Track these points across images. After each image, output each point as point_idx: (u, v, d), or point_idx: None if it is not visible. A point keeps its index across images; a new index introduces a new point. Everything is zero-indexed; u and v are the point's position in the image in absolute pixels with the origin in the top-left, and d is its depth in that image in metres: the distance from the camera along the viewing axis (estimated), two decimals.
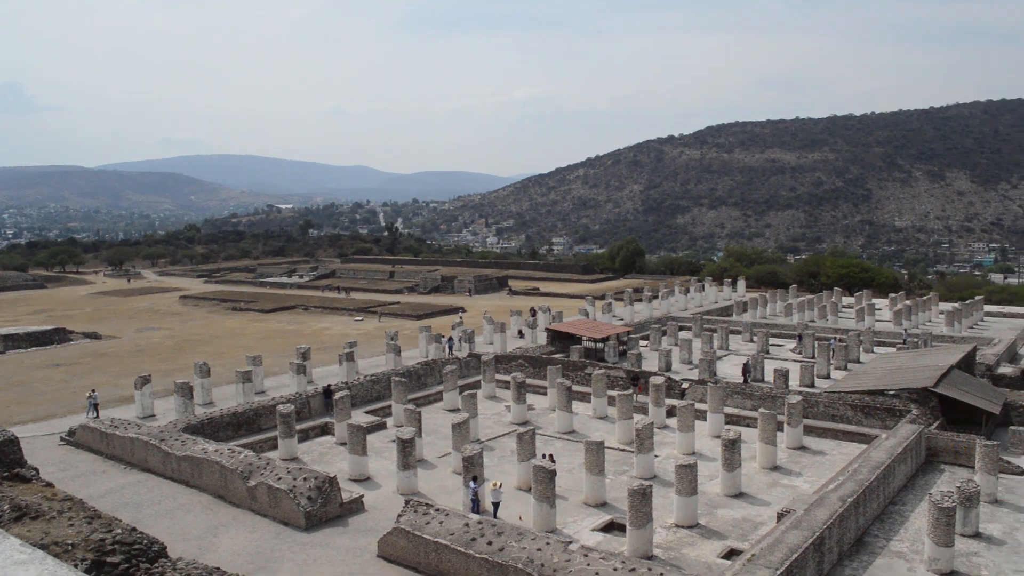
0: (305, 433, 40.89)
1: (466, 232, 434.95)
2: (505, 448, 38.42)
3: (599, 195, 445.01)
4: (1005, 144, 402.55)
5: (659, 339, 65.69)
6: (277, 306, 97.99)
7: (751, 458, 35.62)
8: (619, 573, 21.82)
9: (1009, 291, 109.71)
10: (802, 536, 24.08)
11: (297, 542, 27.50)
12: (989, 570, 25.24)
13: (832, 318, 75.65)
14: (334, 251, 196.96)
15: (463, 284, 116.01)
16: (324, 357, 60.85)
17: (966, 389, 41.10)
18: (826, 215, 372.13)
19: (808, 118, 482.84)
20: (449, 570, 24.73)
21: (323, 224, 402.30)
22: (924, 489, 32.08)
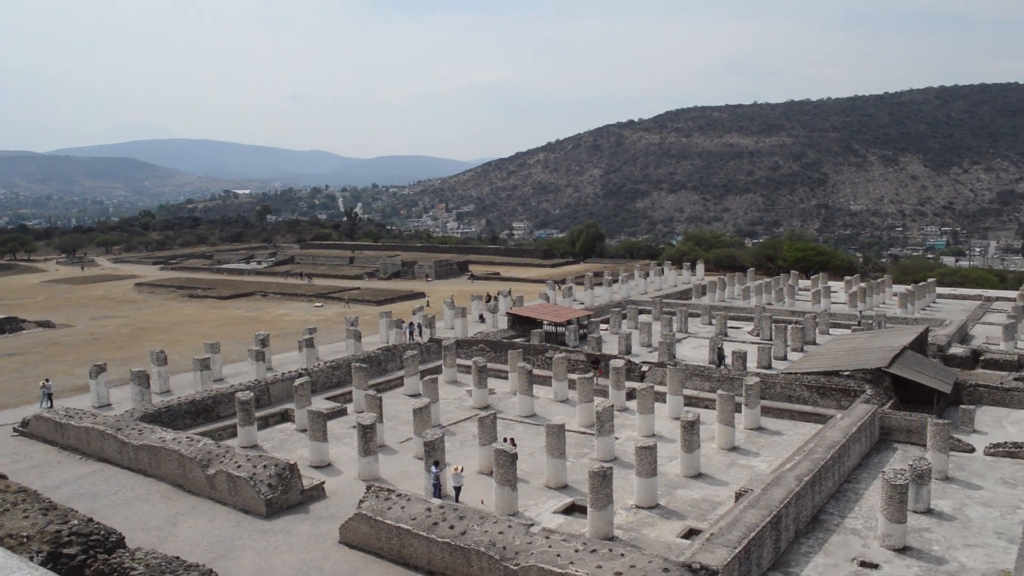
0: (265, 420, 40.60)
1: (426, 217, 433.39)
2: (467, 432, 38.50)
3: (559, 179, 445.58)
4: (957, 129, 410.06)
5: (619, 323, 66.12)
6: (235, 293, 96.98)
7: (710, 439, 36.06)
8: (580, 554, 22.03)
9: (960, 274, 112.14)
10: (760, 515, 24.48)
11: (258, 530, 27.36)
12: (940, 545, 25.86)
13: (789, 301, 76.69)
14: (293, 237, 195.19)
15: (423, 269, 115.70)
16: (283, 344, 60.40)
17: (918, 369, 41.98)
18: (783, 199, 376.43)
19: (766, 103, 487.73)
20: (411, 555, 24.78)
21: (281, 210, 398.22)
22: (878, 467, 32.74)
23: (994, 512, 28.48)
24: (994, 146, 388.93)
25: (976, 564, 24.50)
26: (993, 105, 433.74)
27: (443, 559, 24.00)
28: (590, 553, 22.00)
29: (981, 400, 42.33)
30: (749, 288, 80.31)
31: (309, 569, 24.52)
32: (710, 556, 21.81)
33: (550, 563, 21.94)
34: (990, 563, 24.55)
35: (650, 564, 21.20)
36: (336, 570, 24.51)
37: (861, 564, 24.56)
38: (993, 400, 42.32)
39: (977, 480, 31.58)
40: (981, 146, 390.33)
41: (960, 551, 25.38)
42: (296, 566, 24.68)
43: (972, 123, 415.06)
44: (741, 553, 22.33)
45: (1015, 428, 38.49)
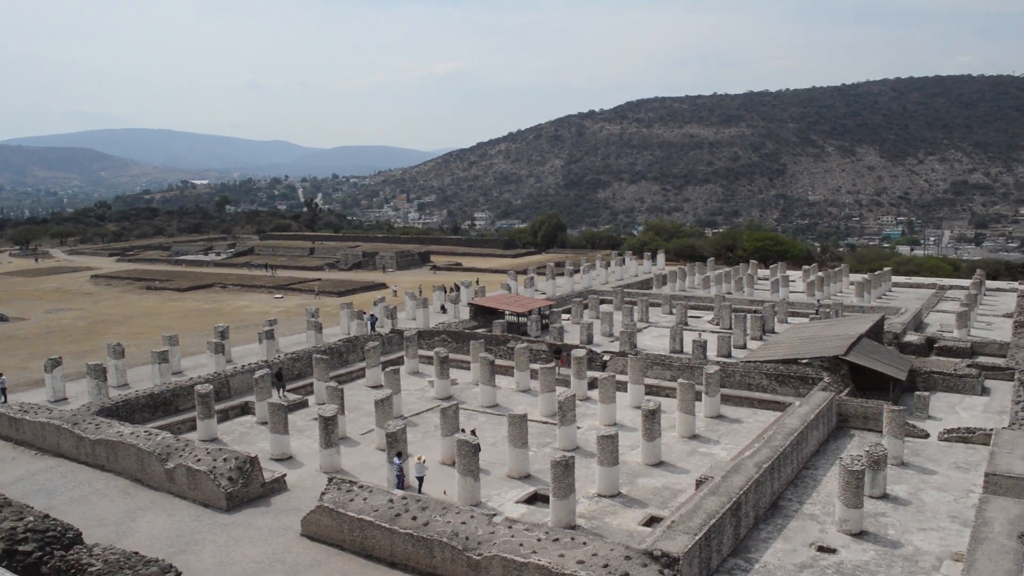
0: (225, 413, 40.21)
1: (387, 208, 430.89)
2: (429, 423, 38.47)
3: (521, 170, 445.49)
4: (912, 120, 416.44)
5: (581, 313, 66.36)
6: (194, 284, 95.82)
7: (671, 427, 36.37)
8: (543, 543, 22.12)
9: (915, 263, 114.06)
10: (720, 502, 24.76)
11: (218, 523, 27.11)
12: (896, 529, 26.36)
13: (748, 290, 77.49)
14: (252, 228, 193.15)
15: (385, 260, 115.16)
16: (244, 336, 59.82)
17: (875, 357, 42.65)
18: (743, 189, 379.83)
19: (725, 94, 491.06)
20: (374, 546, 24.72)
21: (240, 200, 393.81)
22: (835, 453, 33.27)
23: (948, 496, 29.08)
24: (948, 137, 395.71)
25: (931, 547, 25.02)
26: (947, 97, 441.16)
27: (406, 550, 23.98)
28: (552, 542, 22.11)
29: (935, 387, 43.13)
30: (709, 278, 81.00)
31: (271, 562, 24.36)
32: (671, 543, 22.02)
33: (513, 553, 22.01)
34: (944, 546, 25.08)
35: (612, 552, 21.35)
36: (298, 562, 24.38)
37: (819, 549, 24.95)
38: (947, 387, 43.14)
39: (931, 465, 32.22)
40: (935, 137, 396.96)
41: (915, 535, 25.90)
42: (257, 559, 24.51)
43: (927, 115, 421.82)
44: (702, 540, 22.58)
45: (968, 414, 39.29)
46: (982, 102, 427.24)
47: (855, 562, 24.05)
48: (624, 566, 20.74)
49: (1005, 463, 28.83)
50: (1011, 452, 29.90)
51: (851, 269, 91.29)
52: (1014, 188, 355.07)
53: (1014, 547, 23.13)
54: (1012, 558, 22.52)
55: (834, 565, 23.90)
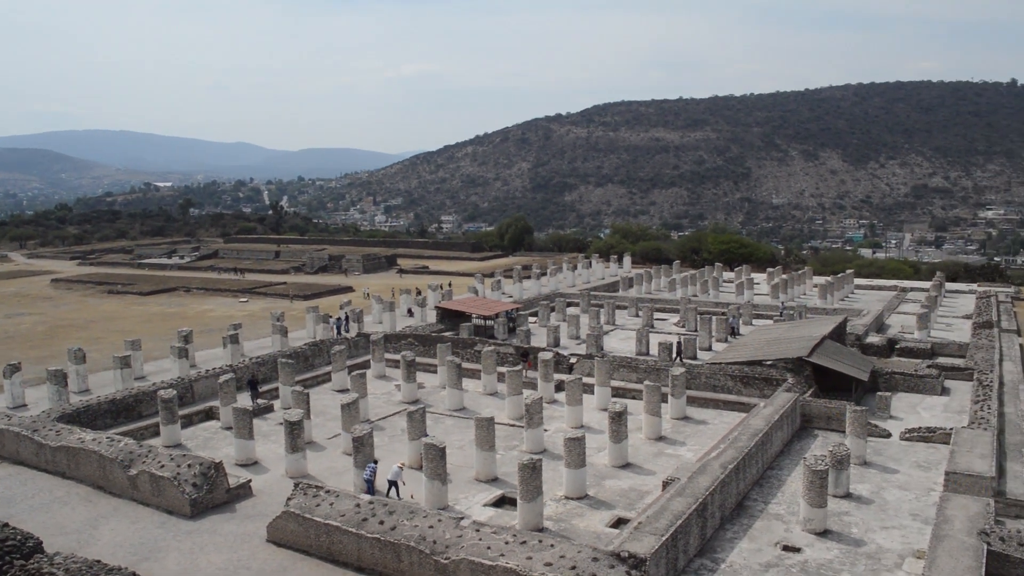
0: (189, 418, 39.75)
1: (354, 211, 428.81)
2: (396, 427, 38.32)
3: (488, 173, 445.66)
4: (874, 125, 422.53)
5: (547, 315, 66.47)
6: (157, 288, 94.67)
7: (637, 429, 36.57)
8: (510, 546, 22.13)
9: (877, 265, 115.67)
10: (686, 503, 24.92)
11: (183, 530, 26.80)
12: (859, 528, 26.70)
13: (713, 292, 78.10)
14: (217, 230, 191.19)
15: (351, 263, 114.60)
16: (208, 340, 59.22)
17: (837, 358, 43.19)
18: (708, 193, 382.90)
19: (691, 98, 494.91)
20: (341, 551, 24.58)
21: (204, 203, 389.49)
22: (799, 454, 33.63)
23: (910, 495, 29.52)
24: (909, 142, 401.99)
25: (893, 545, 25.38)
26: (908, 102, 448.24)
27: (373, 555, 23.87)
28: (520, 545, 22.13)
29: (897, 387, 43.77)
30: (675, 280, 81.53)
31: (236, 569, 24.13)
32: (638, 544, 22.13)
33: (480, 556, 22.00)
34: (906, 544, 25.45)
35: (579, 554, 21.41)
36: (264, 569, 24.18)
37: (784, 548, 25.21)
38: (908, 387, 43.79)
39: (893, 464, 32.68)
40: (897, 142, 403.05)
41: (878, 533, 26.25)
42: (223, 566, 24.27)
43: (888, 119, 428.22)
44: (668, 541, 22.71)
45: (929, 413, 39.91)
46: (941, 107, 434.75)
47: (819, 561, 24.33)
48: (591, 568, 20.81)
49: (965, 461, 29.35)
50: (970, 451, 30.44)
51: (814, 271, 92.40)
52: (973, 192, 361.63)
53: (974, 544, 23.52)
54: (972, 555, 22.91)
55: (799, 564, 24.15)
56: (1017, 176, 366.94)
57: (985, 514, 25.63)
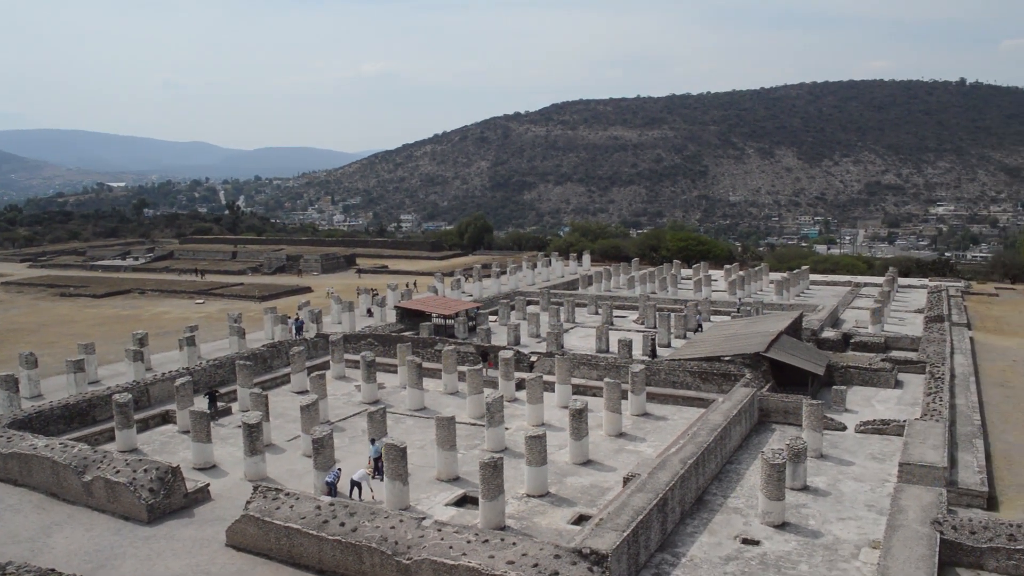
0: (145, 423, 39.18)
1: (312, 210, 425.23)
2: (356, 428, 38.13)
3: (447, 171, 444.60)
4: (828, 123, 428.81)
5: (508, 314, 66.53)
6: (111, 290, 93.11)
7: (598, 426, 36.75)
8: (472, 545, 22.13)
9: (832, 261, 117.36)
10: (647, 498, 25.11)
11: (140, 536, 26.42)
12: (816, 520, 27.10)
13: (672, 290, 78.70)
14: (172, 231, 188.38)
15: (309, 263, 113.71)
16: (164, 343, 58.40)
17: (794, 353, 43.77)
18: (666, 190, 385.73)
19: (648, 97, 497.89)
20: (302, 554, 24.40)
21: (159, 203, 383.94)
22: (757, 448, 34.03)
23: (865, 486, 30.02)
24: (862, 140, 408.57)
25: (849, 536, 25.79)
26: (861, 101, 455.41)
27: (334, 557, 23.73)
28: (482, 543, 22.14)
29: (852, 381, 44.47)
30: (634, 277, 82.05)
31: (195, 574, 23.87)
32: (600, 540, 22.25)
33: (443, 555, 21.97)
34: (862, 534, 25.88)
35: (541, 551, 21.47)
36: (223, 573, 23.93)
37: (743, 541, 25.50)
38: (862, 380, 44.52)
39: (849, 456, 33.22)
40: (850, 140, 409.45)
41: (834, 524, 26.67)
42: (181, 572, 23.98)
43: (841, 118, 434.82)
44: (629, 536, 22.87)
45: (883, 406, 40.60)
46: (893, 106, 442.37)
47: (778, 553, 24.66)
48: (554, 565, 20.88)
49: (918, 453, 29.93)
50: (923, 442, 31.04)
51: (771, 268, 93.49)
52: (924, 188, 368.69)
53: (927, 533, 24.01)
54: (926, 543, 23.39)
55: (758, 556, 24.45)
56: (967, 173, 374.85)
57: (938, 504, 26.18)
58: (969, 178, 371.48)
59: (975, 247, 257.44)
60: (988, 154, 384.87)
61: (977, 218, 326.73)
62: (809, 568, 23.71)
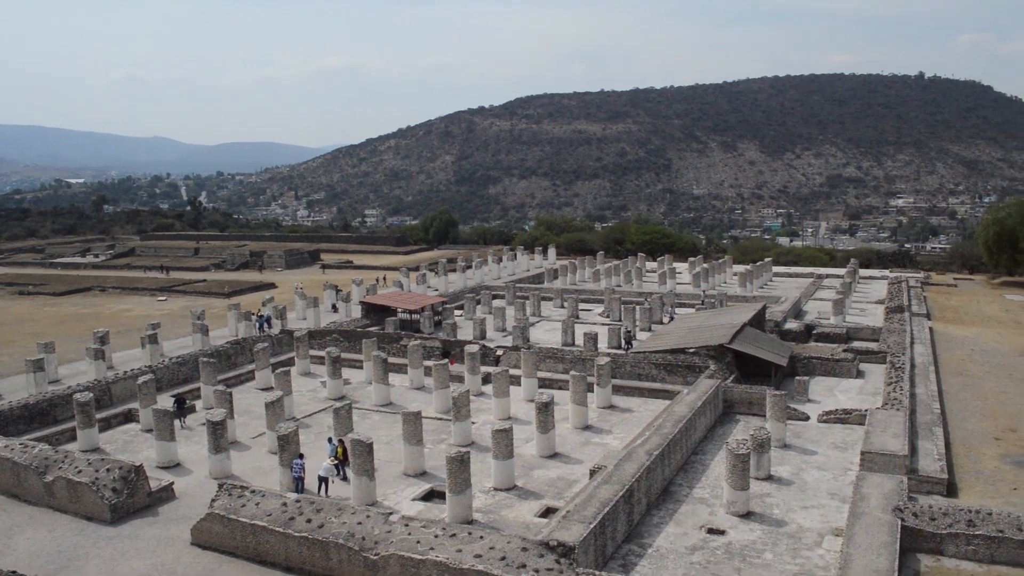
0: (107, 422, 38.69)
1: (275, 205, 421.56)
2: (322, 424, 37.92)
3: (411, 166, 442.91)
4: (790, 117, 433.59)
5: (473, 308, 66.54)
6: (70, 288, 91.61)
7: (564, 419, 36.88)
8: (440, 540, 22.13)
9: (794, 253, 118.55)
10: (613, 490, 25.27)
11: (103, 536, 26.10)
12: (780, 508, 27.44)
13: (637, 282, 79.09)
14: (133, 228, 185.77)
15: (273, 259, 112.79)
16: (125, 340, 57.65)
17: (757, 344, 44.22)
18: (630, 184, 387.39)
19: (612, 91, 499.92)
20: (268, 552, 24.24)
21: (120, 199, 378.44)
22: (722, 438, 34.34)
23: (827, 475, 30.44)
24: (823, 133, 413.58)
25: (812, 524, 26.15)
26: (822, 95, 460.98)
27: (301, 554, 23.61)
28: (450, 538, 22.14)
29: (814, 371, 45.02)
30: (599, 271, 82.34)
31: (160, 574, 23.63)
32: (567, 533, 22.36)
33: (410, 550, 21.95)
34: (825, 522, 26.25)
35: (509, 544, 21.52)
36: (188, 572, 23.71)
37: (709, 531, 25.75)
38: (825, 371, 45.11)
39: (812, 446, 33.65)
40: (811, 133, 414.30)
41: (798, 513, 27.02)
42: (146, 572, 23.73)
43: (803, 111, 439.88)
44: (596, 528, 23.00)
45: (845, 396, 41.19)
46: (854, 100, 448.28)
47: (743, 542, 24.93)
48: (521, 558, 20.94)
49: (879, 441, 30.39)
50: (884, 431, 31.53)
51: (734, 260, 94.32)
52: (884, 181, 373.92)
53: (889, 520, 24.41)
54: (887, 530, 23.77)
55: (723, 546, 24.71)
56: (926, 166, 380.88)
57: (899, 491, 26.62)
58: (928, 171, 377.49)
59: (934, 238, 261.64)
60: (946, 147, 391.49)
61: (936, 210, 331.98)
62: (773, 556, 24.02)
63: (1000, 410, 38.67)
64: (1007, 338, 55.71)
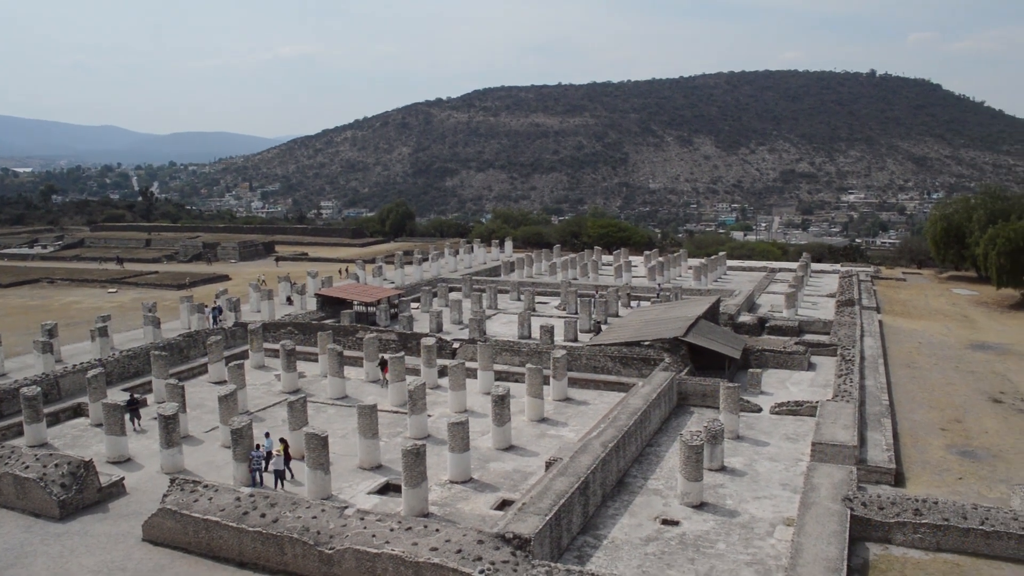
0: (55, 416, 37.92)
1: (229, 196, 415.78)
2: (276, 418, 37.56)
3: (368, 158, 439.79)
4: (744, 112, 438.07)
5: (430, 301, 66.35)
6: (17, 280, 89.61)
7: (520, 412, 36.98)
8: (395, 533, 22.09)
9: (748, 247, 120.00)
10: (569, 482, 25.40)
11: (51, 533, 25.61)
12: (733, 499, 27.81)
13: (593, 275, 79.52)
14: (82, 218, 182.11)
15: (227, 251, 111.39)
16: (74, 333, 56.57)
17: (711, 337, 44.71)
18: (587, 178, 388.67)
19: (570, 84, 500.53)
20: (221, 547, 23.99)
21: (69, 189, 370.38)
22: (676, 430, 34.69)
23: (779, 466, 30.91)
24: (777, 129, 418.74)
25: (764, 514, 26.54)
26: (776, 91, 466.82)
27: (255, 549, 23.40)
28: (405, 531, 22.11)
29: (767, 364, 45.66)
30: (555, 264, 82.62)
31: (111, 570, 23.26)
32: (523, 525, 22.44)
33: (366, 544, 21.88)
34: (777, 513, 26.66)
35: (464, 537, 21.55)
36: (140, 569, 23.38)
37: (663, 522, 26.02)
38: (777, 363, 45.75)
39: (764, 437, 34.14)
40: (766, 128, 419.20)
41: (751, 503, 27.40)
42: (96, 569, 23.35)
43: (758, 107, 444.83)
44: (552, 520, 23.12)
45: (796, 388, 41.81)
46: (807, 96, 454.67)
47: (696, 532, 25.23)
48: (477, 550, 20.98)
49: (829, 432, 30.92)
50: (834, 422, 32.09)
51: (689, 254, 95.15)
52: (836, 177, 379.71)
53: (839, 510, 24.86)
54: (837, 520, 24.21)
55: (677, 537, 24.98)
56: (876, 162, 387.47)
57: (848, 481, 27.12)
58: (879, 167, 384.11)
59: (884, 233, 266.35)
60: (896, 144, 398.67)
61: (886, 206, 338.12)
62: (726, 546, 24.34)
63: (946, 401, 39.59)
64: (953, 331, 57.01)
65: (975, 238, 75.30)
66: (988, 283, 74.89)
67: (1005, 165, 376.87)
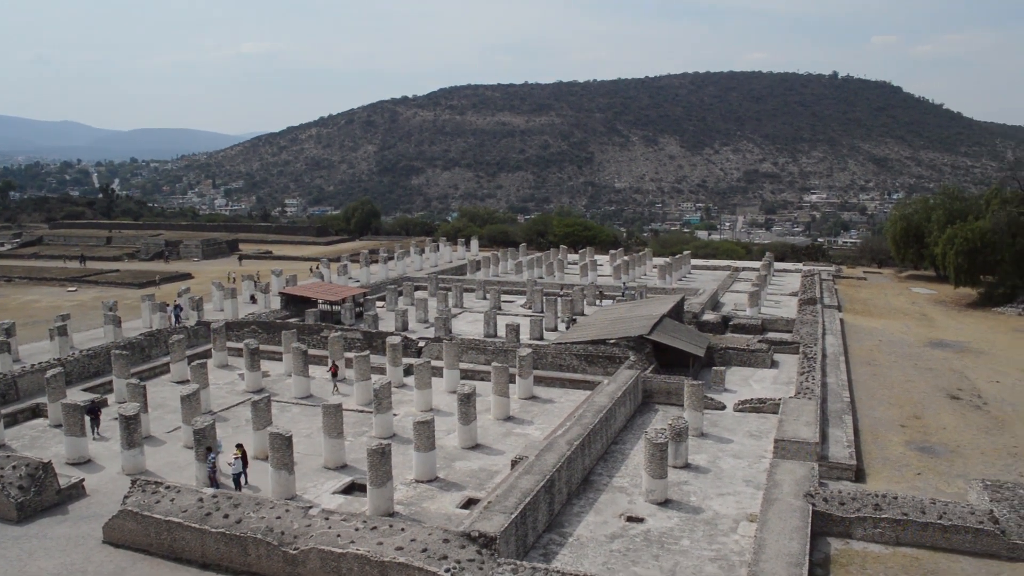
0: (13, 417, 37.26)
1: (192, 194, 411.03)
2: (240, 417, 37.24)
3: (333, 155, 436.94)
4: (709, 113, 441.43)
5: (395, 299, 66.13)
6: None
7: (486, 410, 36.97)
8: (361, 533, 22.00)
9: (712, 246, 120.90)
10: (534, 480, 25.45)
11: (9, 536, 25.17)
12: (697, 496, 28.03)
13: (559, 274, 79.70)
14: (41, 215, 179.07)
15: (190, 249, 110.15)
16: (32, 332, 55.64)
17: (676, 335, 45.02)
18: (553, 177, 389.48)
19: (536, 83, 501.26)
20: (184, 549, 23.73)
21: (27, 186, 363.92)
22: (641, 428, 34.91)
23: (743, 462, 31.21)
24: (741, 129, 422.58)
25: (728, 511, 26.78)
26: (740, 91, 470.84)
27: (218, 550, 23.18)
28: (371, 531, 22.03)
29: (730, 361, 46.08)
30: (521, 263, 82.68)
31: (70, 573, 22.92)
32: (488, 523, 22.44)
33: (330, 544, 21.77)
34: (740, 509, 26.92)
35: (430, 536, 21.52)
36: (100, 572, 23.06)
37: (628, 519, 26.16)
38: (741, 361, 46.19)
39: (728, 434, 34.45)
40: (730, 129, 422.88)
41: (715, 500, 27.64)
42: (55, 572, 22.98)
43: (722, 107, 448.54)
44: (518, 518, 23.15)
45: (759, 385, 42.25)
46: (770, 97, 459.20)
47: (661, 529, 25.40)
48: (443, 549, 20.96)
49: (791, 429, 31.28)
50: (797, 419, 32.46)
51: (654, 253, 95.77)
52: (799, 177, 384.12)
53: (801, 505, 25.16)
54: (799, 515, 24.51)
55: (642, 533, 25.13)
56: (838, 163, 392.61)
57: (810, 477, 27.47)
58: (840, 167, 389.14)
59: (845, 233, 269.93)
60: (858, 145, 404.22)
61: (847, 206, 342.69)
62: (691, 543, 24.53)
63: (906, 398, 40.21)
64: (913, 329, 57.90)
65: (934, 238, 76.50)
66: (946, 282, 76.16)
67: (963, 166, 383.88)
